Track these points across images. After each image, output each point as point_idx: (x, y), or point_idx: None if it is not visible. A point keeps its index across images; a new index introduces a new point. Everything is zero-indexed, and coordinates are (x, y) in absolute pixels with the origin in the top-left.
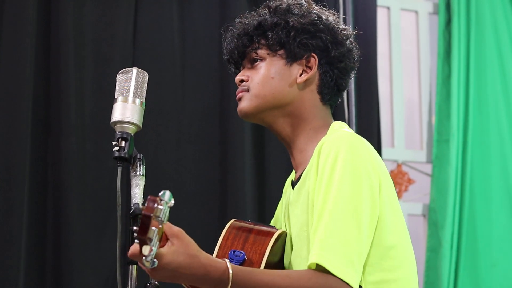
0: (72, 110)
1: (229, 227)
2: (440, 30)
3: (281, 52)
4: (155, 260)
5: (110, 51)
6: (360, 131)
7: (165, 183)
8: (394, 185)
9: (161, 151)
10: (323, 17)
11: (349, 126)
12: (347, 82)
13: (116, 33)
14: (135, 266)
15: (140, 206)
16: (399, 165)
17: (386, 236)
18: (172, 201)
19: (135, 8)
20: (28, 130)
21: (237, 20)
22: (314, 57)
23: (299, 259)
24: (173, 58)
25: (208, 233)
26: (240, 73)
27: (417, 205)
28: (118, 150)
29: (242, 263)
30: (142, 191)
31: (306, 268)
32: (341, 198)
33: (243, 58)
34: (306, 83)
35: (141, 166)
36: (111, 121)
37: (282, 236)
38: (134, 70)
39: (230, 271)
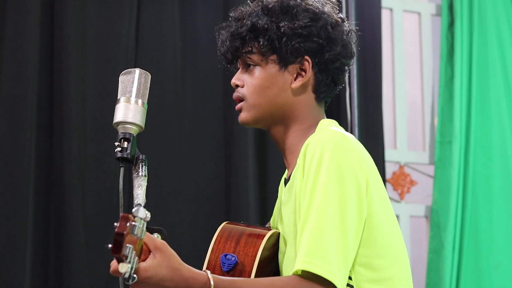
0: (74, 111)
1: (220, 230)
2: (443, 31)
3: (273, 57)
4: (134, 275)
5: (113, 52)
6: (363, 132)
7: (167, 184)
8: (397, 186)
9: (163, 152)
10: (318, 12)
11: (352, 127)
12: (344, 75)
13: (118, 34)
14: None
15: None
16: (401, 167)
17: (376, 235)
18: (148, 215)
19: (137, 9)
20: (33, 131)
21: (231, 14)
22: (307, 60)
23: (288, 261)
24: (175, 59)
25: (211, 234)
26: (235, 76)
27: (419, 206)
28: (120, 151)
29: (234, 266)
30: (145, 192)
31: (292, 272)
32: (326, 201)
33: (237, 58)
34: (302, 86)
35: (144, 166)
36: (113, 122)
37: (275, 236)
38: (137, 71)
39: (212, 283)
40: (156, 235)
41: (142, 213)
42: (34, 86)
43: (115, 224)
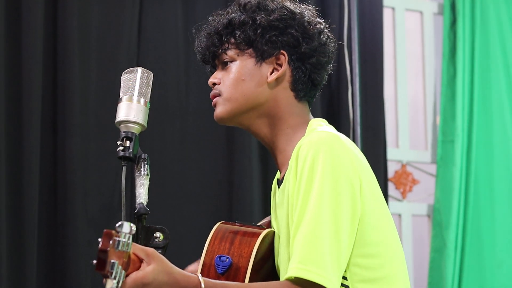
0: (77, 109)
1: (214, 230)
2: (445, 30)
3: (249, 51)
4: None
5: (115, 51)
6: (365, 131)
7: (169, 183)
8: (399, 185)
9: (165, 150)
10: (296, 11)
11: (354, 126)
12: (323, 76)
13: (120, 33)
14: None
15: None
16: (403, 166)
17: (370, 235)
18: (134, 228)
19: (139, 8)
20: (36, 130)
21: (210, 18)
22: (283, 54)
23: (283, 263)
24: (178, 57)
25: None
26: (213, 75)
27: (421, 205)
28: (122, 150)
29: (228, 268)
30: (147, 191)
31: (285, 278)
32: (320, 204)
33: (215, 58)
34: (278, 81)
35: (146, 165)
36: (116, 121)
37: (270, 236)
38: (139, 69)
39: (202, 285)
40: (158, 234)
41: (126, 228)
42: (37, 85)
43: (99, 239)
